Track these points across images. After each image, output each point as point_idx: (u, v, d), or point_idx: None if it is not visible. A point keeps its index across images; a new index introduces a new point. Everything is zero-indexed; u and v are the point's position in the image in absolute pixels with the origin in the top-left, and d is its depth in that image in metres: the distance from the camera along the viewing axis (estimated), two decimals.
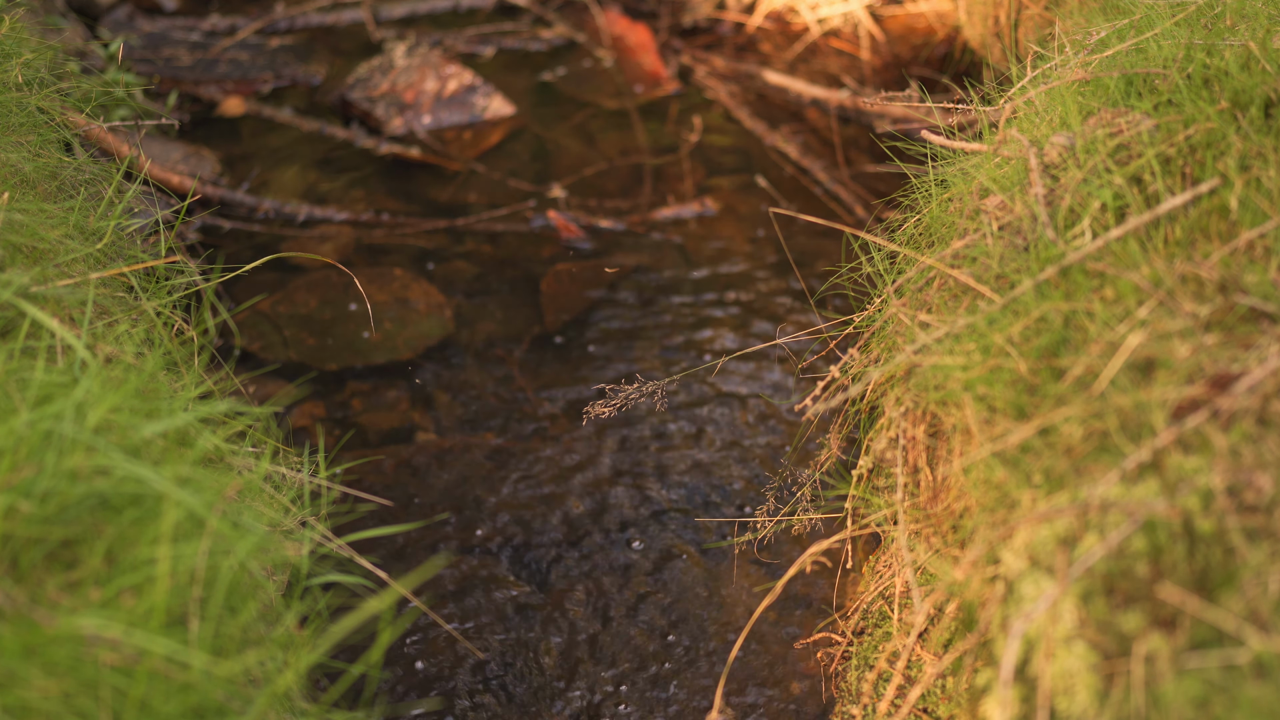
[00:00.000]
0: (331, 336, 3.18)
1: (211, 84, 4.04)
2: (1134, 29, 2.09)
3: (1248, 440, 1.39)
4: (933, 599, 1.82)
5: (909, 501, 1.92)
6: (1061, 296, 1.65)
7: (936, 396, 1.70)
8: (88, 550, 1.34)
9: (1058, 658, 1.33)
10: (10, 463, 1.33)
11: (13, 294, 1.66)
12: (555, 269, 3.44)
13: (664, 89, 4.16)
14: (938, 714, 1.94)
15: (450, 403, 3.04)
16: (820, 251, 3.48)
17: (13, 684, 1.21)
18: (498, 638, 2.51)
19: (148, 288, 2.09)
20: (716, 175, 3.81)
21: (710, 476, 2.88)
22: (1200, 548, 1.33)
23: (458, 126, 3.96)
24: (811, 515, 2.30)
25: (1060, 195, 1.79)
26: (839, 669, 2.29)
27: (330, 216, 3.57)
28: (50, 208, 1.98)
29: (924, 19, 4.30)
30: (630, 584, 2.63)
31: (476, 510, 2.78)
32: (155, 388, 1.70)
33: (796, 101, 4.10)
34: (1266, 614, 1.26)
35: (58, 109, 2.34)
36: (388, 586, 1.86)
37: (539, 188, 3.73)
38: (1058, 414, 1.51)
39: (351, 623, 1.36)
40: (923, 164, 2.15)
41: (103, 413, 1.43)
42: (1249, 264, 1.60)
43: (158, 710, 1.26)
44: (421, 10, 4.46)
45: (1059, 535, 1.41)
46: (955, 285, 1.85)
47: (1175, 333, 1.53)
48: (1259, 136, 1.71)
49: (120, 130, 3.01)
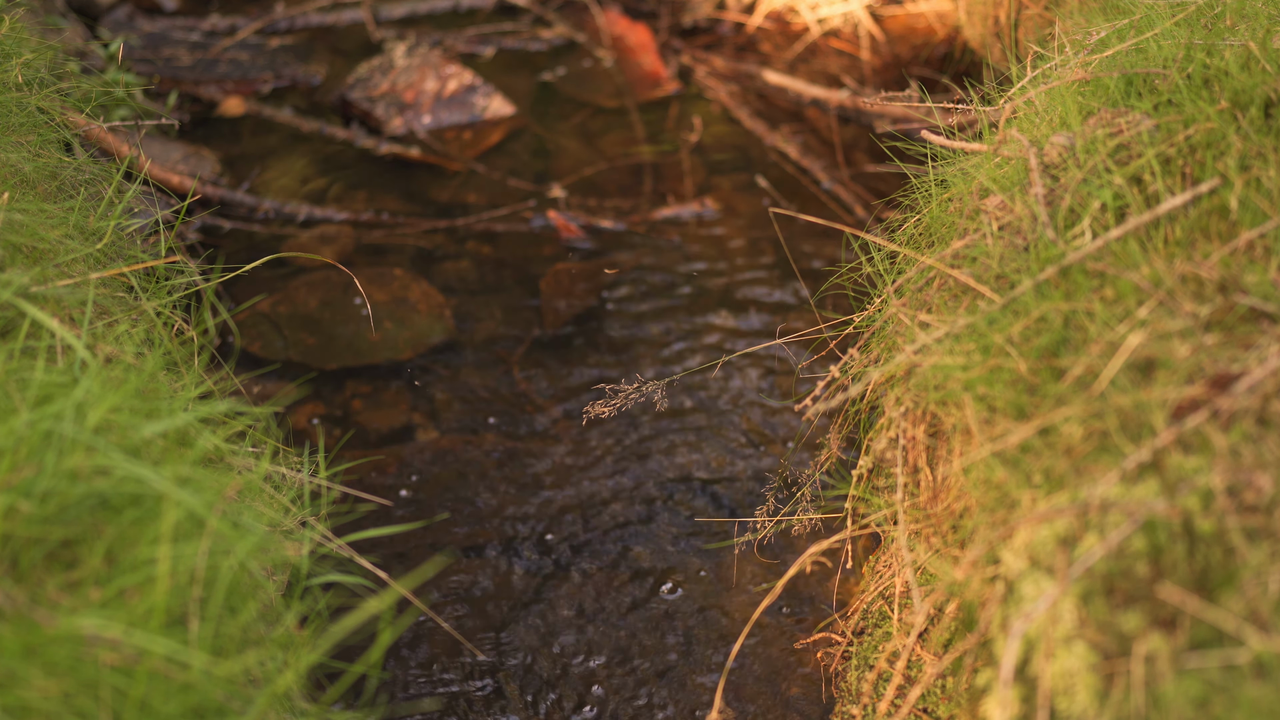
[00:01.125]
0: (331, 336, 3.18)
1: (211, 84, 4.04)
2: (1134, 29, 2.09)
3: (1248, 440, 1.39)
4: (933, 599, 1.82)
5: (909, 501, 1.92)
6: (1061, 296, 1.65)
7: (936, 396, 1.70)
8: (88, 550, 1.34)
9: (1058, 658, 1.33)
10: (10, 463, 1.33)
11: (13, 294, 1.66)
12: (555, 269, 3.44)
13: (664, 89, 4.15)
14: (938, 714, 1.94)
15: (450, 403, 3.04)
16: (820, 251, 3.48)
17: (13, 684, 1.21)
18: (497, 638, 2.52)
19: (148, 288, 2.09)
20: (716, 175, 3.81)
21: (710, 476, 2.88)
22: (1200, 548, 1.33)
23: (458, 126, 3.96)
24: (811, 515, 2.30)
25: (1060, 195, 1.79)
26: (839, 669, 2.29)
27: (330, 216, 3.57)
28: (50, 208, 1.98)
29: (924, 19, 4.30)
30: (630, 584, 2.63)
31: (476, 510, 2.78)
32: (155, 388, 1.70)
33: (796, 101, 4.10)
34: (1266, 614, 1.26)
35: (58, 109, 2.34)
36: (388, 586, 1.86)
37: (539, 188, 3.73)
38: (1058, 414, 1.51)
39: (351, 623, 1.36)
40: (923, 164, 2.15)
41: (103, 413, 1.43)
42: (1249, 264, 1.60)
43: (158, 710, 1.26)
44: (421, 10, 4.46)
45: (1059, 535, 1.41)
46: (955, 285, 1.85)
47: (1175, 333, 1.53)
48: (1259, 136, 1.71)
49: (120, 130, 3.01)
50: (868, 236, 2.09)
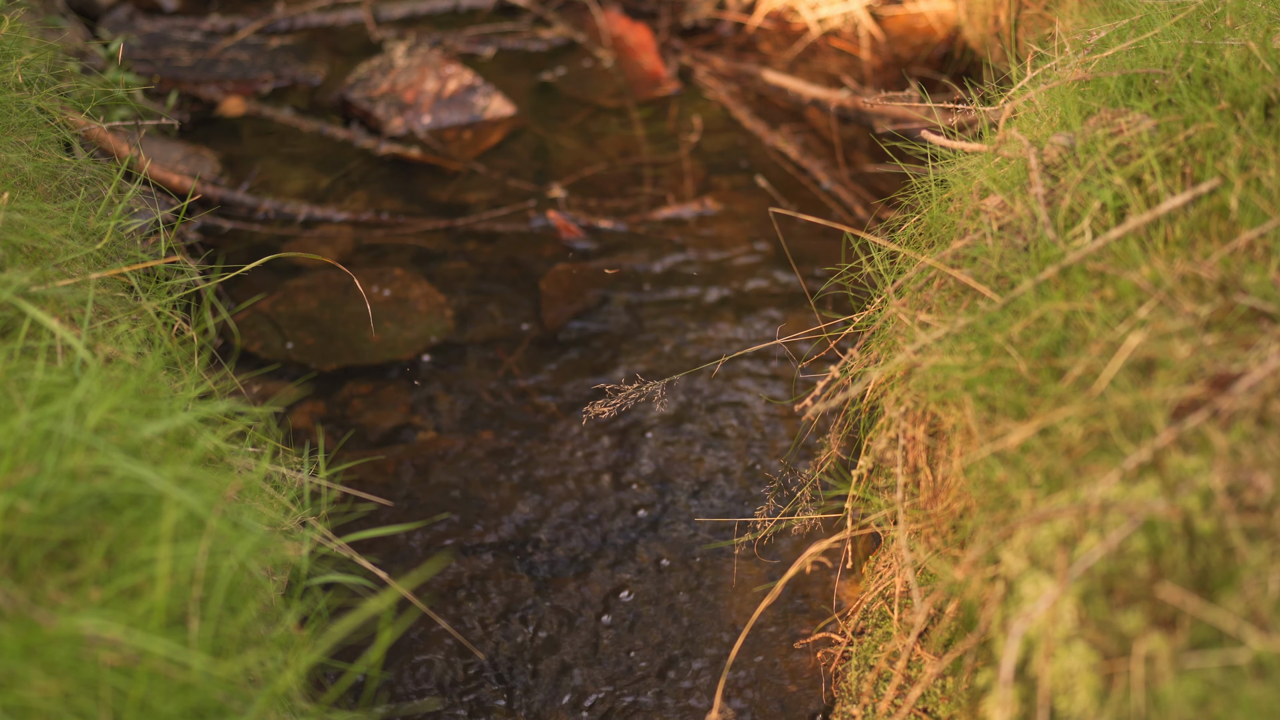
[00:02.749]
0: (331, 336, 3.19)
1: (211, 84, 4.04)
2: (1134, 29, 2.09)
3: (1248, 440, 1.39)
4: (933, 599, 1.82)
5: (909, 501, 1.92)
6: (1061, 296, 1.65)
7: (936, 396, 1.70)
8: (88, 550, 1.34)
9: (1058, 658, 1.33)
10: (10, 463, 1.33)
11: (13, 294, 1.66)
12: (555, 269, 3.44)
13: (664, 89, 4.15)
14: (938, 714, 1.94)
15: (450, 403, 3.04)
16: (820, 251, 3.48)
17: (13, 684, 1.21)
18: (497, 638, 2.52)
19: (148, 288, 2.09)
20: (716, 175, 3.81)
21: (710, 476, 2.88)
22: (1200, 548, 1.33)
23: (458, 126, 3.96)
24: (811, 515, 2.30)
25: (1060, 195, 1.79)
26: (839, 669, 2.28)
27: (330, 216, 3.57)
28: (50, 208, 1.98)
29: (924, 19, 4.30)
30: (630, 584, 2.63)
31: (476, 510, 2.78)
32: (155, 388, 1.70)
33: (796, 101, 4.10)
34: (1266, 614, 1.26)
35: (58, 109, 2.34)
36: (388, 586, 1.86)
37: (539, 188, 3.73)
38: (1058, 414, 1.51)
39: (351, 623, 1.36)
40: (923, 164, 2.15)
41: (103, 413, 1.43)
42: (1249, 264, 1.60)
43: (158, 710, 1.26)
44: (421, 10, 4.46)
45: (1059, 535, 1.41)
46: (955, 285, 1.85)
47: (1175, 333, 1.53)
48: (1259, 136, 1.71)
49: (120, 130, 3.01)
50: (868, 236, 2.09)
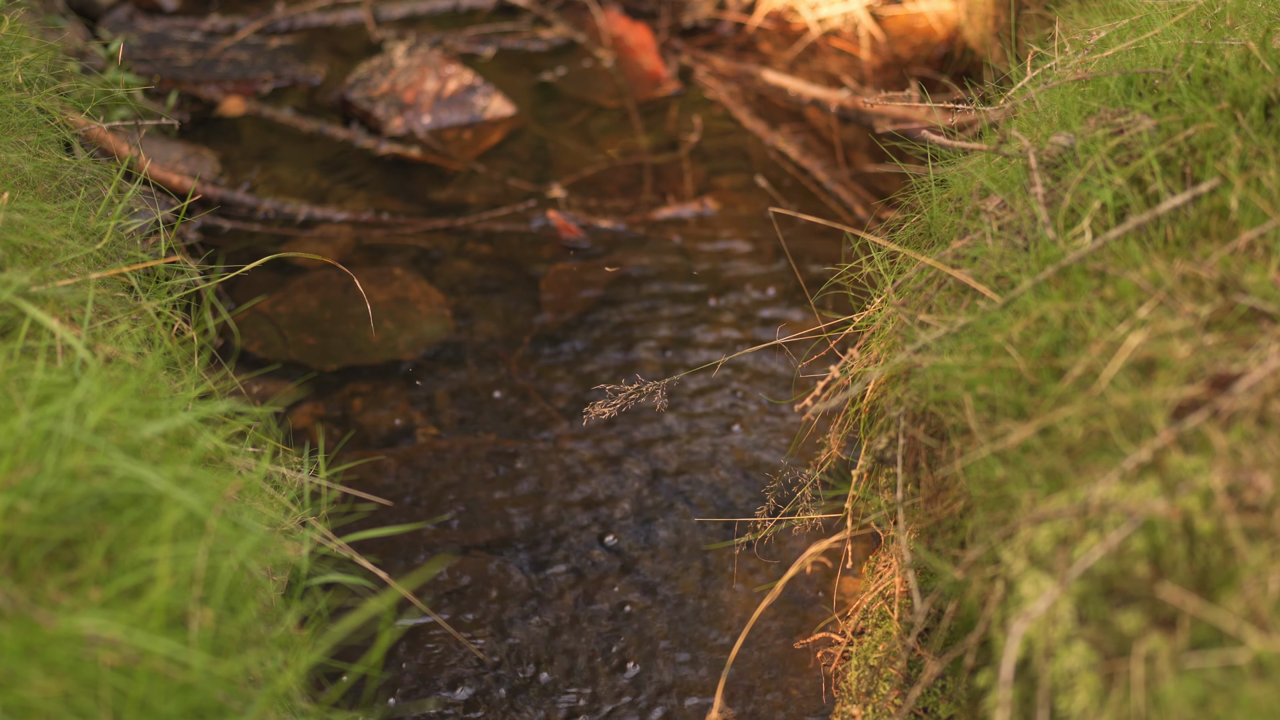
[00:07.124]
0: (331, 336, 3.19)
1: (211, 84, 4.04)
2: (1134, 29, 2.09)
3: (1248, 440, 1.39)
4: (932, 599, 1.82)
5: (909, 501, 1.92)
6: (1061, 296, 1.65)
7: (936, 396, 1.70)
8: (88, 550, 1.34)
9: (1058, 658, 1.33)
10: (10, 463, 1.33)
11: (13, 294, 1.66)
12: (555, 269, 3.44)
13: (664, 89, 4.15)
14: (938, 714, 1.94)
15: (450, 403, 3.04)
16: (820, 251, 3.48)
17: (13, 684, 1.21)
18: (497, 638, 2.52)
19: (148, 288, 2.09)
20: (716, 175, 3.81)
21: (710, 476, 2.88)
22: (1200, 548, 1.33)
23: (458, 126, 3.96)
24: (811, 515, 2.30)
25: (1060, 195, 1.79)
26: (839, 669, 2.28)
27: (330, 216, 3.57)
28: (50, 208, 1.98)
29: (924, 19, 4.30)
30: (630, 584, 2.63)
31: (476, 510, 2.78)
32: (155, 388, 1.70)
33: (796, 101, 4.10)
34: (1266, 614, 1.26)
35: (58, 109, 2.34)
36: (388, 586, 1.86)
37: (539, 188, 3.73)
38: (1058, 414, 1.51)
39: (351, 623, 1.36)
40: (923, 164, 2.15)
41: (103, 413, 1.43)
42: (1249, 264, 1.60)
43: (158, 710, 1.26)
44: (421, 10, 4.46)
45: (1059, 535, 1.41)
46: (955, 285, 1.85)
47: (1175, 333, 1.53)
48: (1259, 136, 1.71)
49: (120, 130, 3.01)
50: (868, 236, 2.09)
